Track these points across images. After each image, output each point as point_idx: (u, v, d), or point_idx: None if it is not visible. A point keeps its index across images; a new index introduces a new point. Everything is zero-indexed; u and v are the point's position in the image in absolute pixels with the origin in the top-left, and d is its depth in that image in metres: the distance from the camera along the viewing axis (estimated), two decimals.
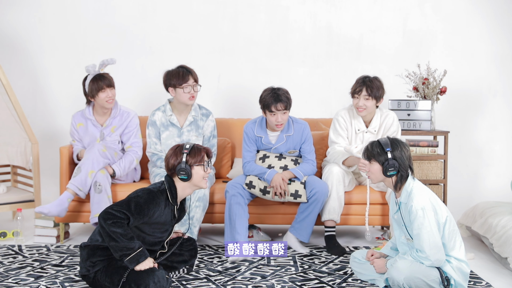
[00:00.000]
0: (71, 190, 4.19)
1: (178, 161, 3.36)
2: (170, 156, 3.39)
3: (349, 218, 4.39)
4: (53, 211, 4.12)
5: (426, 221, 3.19)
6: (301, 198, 4.20)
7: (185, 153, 3.36)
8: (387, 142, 3.33)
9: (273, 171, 4.22)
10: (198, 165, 3.39)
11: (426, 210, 3.21)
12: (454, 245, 3.31)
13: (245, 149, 4.36)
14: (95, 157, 4.25)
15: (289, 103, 4.23)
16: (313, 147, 4.42)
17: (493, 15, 5.93)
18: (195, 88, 4.36)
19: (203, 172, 3.41)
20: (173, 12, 5.86)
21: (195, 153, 3.39)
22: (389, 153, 3.29)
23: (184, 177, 3.36)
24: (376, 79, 4.30)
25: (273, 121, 4.24)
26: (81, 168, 4.21)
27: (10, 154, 4.94)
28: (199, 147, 3.42)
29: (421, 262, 3.22)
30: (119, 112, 4.53)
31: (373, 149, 3.35)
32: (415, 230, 3.22)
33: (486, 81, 5.97)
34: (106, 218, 3.14)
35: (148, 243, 3.39)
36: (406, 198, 3.31)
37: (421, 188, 3.31)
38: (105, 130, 4.50)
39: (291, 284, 3.52)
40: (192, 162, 3.37)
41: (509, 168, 5.98)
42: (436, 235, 3.20)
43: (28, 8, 5.83)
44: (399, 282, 3.22)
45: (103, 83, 4.36)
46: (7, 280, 3.54)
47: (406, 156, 3.31)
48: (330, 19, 5.89)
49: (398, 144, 3.32)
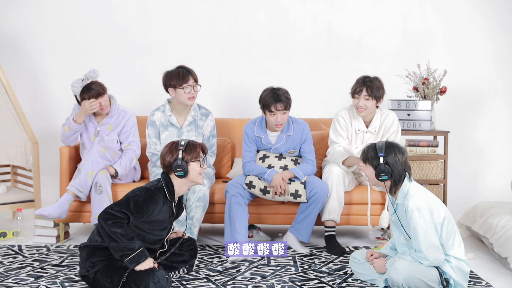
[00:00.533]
0: (71, 192, 4.19)
1: (174, 158, 3.36)
2: (166, 153, 3.39)
3: (349, 218, 4.38)
4: (54, 213, 4.12)
5: (422, 221, 3.20)
6: (301, 198, 4.19)
7: (181, 149, 3.37)
8: (382, 147, 3.32)
9: (273, 171, 4.22)
10: (194, 161, 3.39)
11: (421, 210, 3.22)
12: (453, 244, 3.31)
13: (245, 149, 4.36)
14: (94, 158, 4.25)
15: (288, 103, 4.23)
16: (313, 147, 4.42)
17: (493, 15, 5.93)
18: (195, 88, 4.36)
19: (199, 168, 3.41)
20: (173, 12, 5.86)
21: (190, 149, 3.39)
22: (382, 158, 3.30)
23: (180, 174, 3.37)
24: (376, 79, 4.30)
25: (273, 121, 4.24)
26: (81, 170, 4.21)
27: (10, 154, 4.94)
28: (194, 143, 3.43)
29: (420, 262, 3.22)
30: (117, 111, 4.52)
31: (368, 153, 3.36)
32: (411, 230, 3.23)
33: (486, 81, 5.97)
34: (106, 219, 3.14)
35: (148, 241, 3.39)
36: (402, 199, 3.31)
37: (417, 189, 3.32)
38: (101, 127, 4.49)
39: (291, 284, 3.52)
40: (188, 158, 3.37)
41: (509, 168, 5.98)
42: (432, 235, 3.21)
43: (28, 8, 5.83)
44: (399, 283, 3.23)
45: (90, 95, 4.35)
46: (7, 280, 3.54)
47: (400, 161, 3.30)
48: (330, 19, 5.89)
49: (393, 149, 3.32)
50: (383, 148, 3.32)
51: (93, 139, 4.49)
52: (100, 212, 3.23)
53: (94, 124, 4.50)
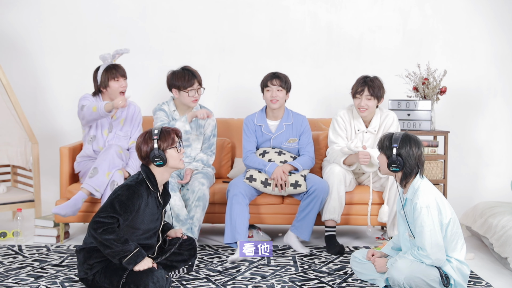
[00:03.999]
0: (86, 190, 4.15)
1: (150, 147, 3.32)
2: (141, 143, 3.34)
3: (350, 218, 4.39)
4: (69, 211, 4.11)
5: (430, 220, 3.20)
6: (301, 188, 4.21)
7: (155, 138, 3.32)
8: (398, 138, 3.31)
9: (274, 164, 4.25)
10: (171, 148, 3.35)
11: (430, 209, 3.21)
12: (456, 247, 3.31)
13: (245, 140, 4.40)
14: (112, 158, 4.21)
15: (285, 82, 4.34)
16: (312, 140, 4.45)
17: (493, 15, 5.93)
18: (199, 91, 4.37)
19: (177, 153, 3.38)
20: (173, 12, 5.86)
21: (165, 137, 3.34)
22: (395, 149, 3.29)
23: (159, 163, 3.33)
24: (377, 79, 4.32)
25: (268, 97, 4.33)
26: (98, 169, 4.17)
27: (10, 154, 4.94)
28: (167, 129, 3.38)
29: (421, 260, 3.22)
30: (128, 104, 4.47)
31: (384, 142, 3.36)
32: (417, 227, 3.23)
33: (486, 81, 5.97)
34: (96, 228, 3.12)
35: (144, 237, 3.38)
36: (412, 195, 3.31)
37: (428, 187, 3.31)
38: (114, 122, 4.47)
39: (291, 284, 3.52)
40: (164, 146, 3.33)
41: (509, 168, 5.97)
42: (438, 234, 3.21)
43: (28, 8, 5.83)
44: (399, 282, 3.23)
45: (117, 72, 4.35)
46: (7, 280, 3.54)
47: (414, 155, 3.29)
48: (330, 19, 5.89)
49: (409, 141, 3.30)
50: (399, 139, 3.30)
51: (106, 135, 4.46)
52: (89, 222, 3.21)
53: (108, 119, 4.46)
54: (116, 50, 4.40)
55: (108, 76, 4.34)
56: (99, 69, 4.39)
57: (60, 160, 4.47)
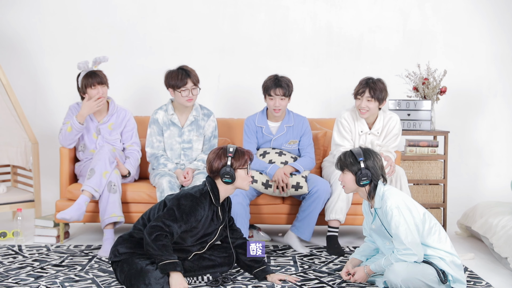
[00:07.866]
0: (88, 192, 4.14)
1: (222, 164, 3.37)
2: (214, 159, 3.39)
3: (351, 218, 4.37)
4: (74, 215, 4.07)
5: (402, 219, 3.23)
6: (302, 190, 4.21)
7: (230, 156, 3.37)
8: (360, 152, 3.36)
9: (275, 166, 4.25)
10: (242, 169, 3.41)
11: (400, 209, 3.25)
12: (440, 238, 3.33)
13: (245, 141, 4.40)
14: (107, 157, 4.22)
15: (288, 90, 4.31)
16: (312, 142, 4.45)
17: (493, 15, 5.93)
18: (194, 91, 4.35)
19: (246, 175, 3.43)
20: (173, 12, 5.86)
21: (239, 157, 3.40)
22: (362, 163, 3.32)
23: (228, 181, 3.38)
24: (380, 81, 4.30)
25: (271, 106, 4.32)
26: (95, 170, 4.17)
27: (10, 154, 4.93)
28: (242, 150, 3.43)
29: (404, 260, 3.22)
30: (116, 110, 4.52)
31: (346, 159, 3.39)
32: (393, 229, 3.25)
33: (486, 81, 5.97)
34: (151, 232, 3.19)
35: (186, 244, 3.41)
36: (379, 203, 3.34)
37: (392, 190, 3.36)
38: (102, 126, 4.48)
39: (291, 284, 3.52)
40: (236, 165, 3.39)
41: (509, 168, 5.97)
42: (414, 232, 3.23)
43: (28, 8, 5.83)
44: (397, 284, 3.23)
45: (94, 80, 4.36)
46: (7, 280, 3.54)
47: (378, 165, 3.36)
48: (330, 19, 5.89)
49: (371, 154, 3.37)
50: (361, 153, 3.36)
51: (95, 138, 4.48)
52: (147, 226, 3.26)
53: (95, 123, 4.49)
54: (95, 58, 4.42)
55: (84, 83, 4.37)
56: (80, 74, 4.42)
57: (60, 160, 4.47)
